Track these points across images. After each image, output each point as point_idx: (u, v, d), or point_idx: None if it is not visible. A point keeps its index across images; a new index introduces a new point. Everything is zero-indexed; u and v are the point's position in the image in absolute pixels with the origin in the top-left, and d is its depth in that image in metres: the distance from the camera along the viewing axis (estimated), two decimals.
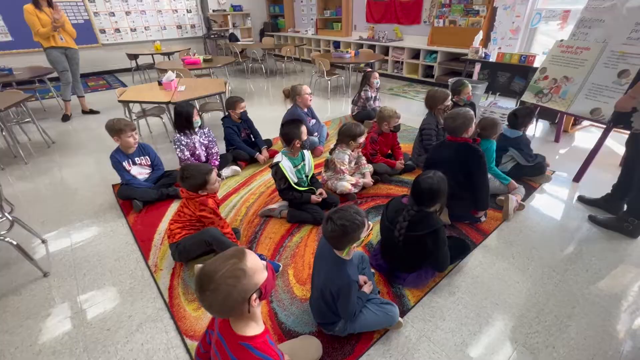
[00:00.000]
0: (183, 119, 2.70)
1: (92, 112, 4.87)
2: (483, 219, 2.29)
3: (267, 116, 4.58)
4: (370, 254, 2.00)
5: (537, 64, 3.66)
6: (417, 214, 1.60)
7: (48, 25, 3.99)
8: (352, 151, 2.56)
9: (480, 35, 4.43)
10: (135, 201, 2.50)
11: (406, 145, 3.41)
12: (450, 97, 2.83)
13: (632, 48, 2.45)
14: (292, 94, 3.33)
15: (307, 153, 2.45)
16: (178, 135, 2.74)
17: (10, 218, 1.91)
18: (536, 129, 3.83)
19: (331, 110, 4.95)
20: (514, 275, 1.87)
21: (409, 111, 4.73)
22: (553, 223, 2.31)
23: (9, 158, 3.49)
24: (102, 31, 7.50)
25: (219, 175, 2.89)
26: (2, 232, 1.83)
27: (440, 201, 1.61)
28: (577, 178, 2.78)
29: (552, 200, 2.57)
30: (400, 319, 1.54)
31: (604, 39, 2.64)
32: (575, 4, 4.18)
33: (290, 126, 2.27)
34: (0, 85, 4.57)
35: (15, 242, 1.83)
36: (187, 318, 1.65)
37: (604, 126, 2.61)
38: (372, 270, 1.83)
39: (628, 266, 1.92)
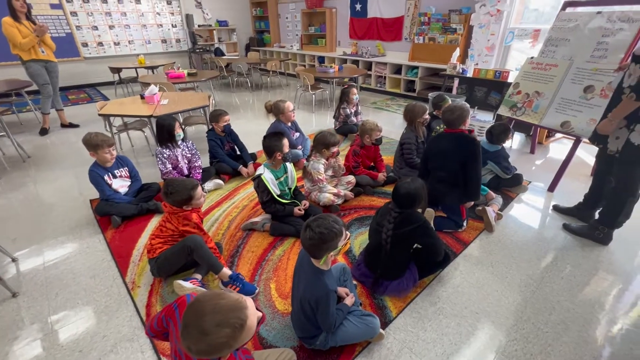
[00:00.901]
0: (165, 132, 2.68)
1: (71, 125, 4.77)
2: (465, 225, 2.35)
3: (252, 129, 4.59)
4: (352, 266, 2.00)
5: (511, 79, 3.83)
6: (399, 215, 1.64)
7: (29, 35, 3.93)
8: (327, 160, 2.60)
9: (457, 52, 4.62)
10: (114, 217, 2.44)
11: (389, 157, 3.47)
12: (428, 111, 2.92)
13: (595, 65, 2.60)
14: (275, 110, 3.36)
15: (290, 165, 2.46)
16: (160, 148, 2.71)
17: None
18: (513, 141, 3.98)
19: (316, 123, 5.01)
20: (493, 284, 1.91)
21: (392, 124, 4.83)
22: (530, 232, 2.38)
23: None
24: (85, 44, 7.43)
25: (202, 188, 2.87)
26: None
27: (420, 205, 1.67)
28: (551, 188, 2.89)
29: (528, 210, 2.66)
30: (381, 330, 1.54)
31: (570, 57, 2.80)
32: (545, 23, 4.43)
33: (272, 139, 2.29)
34: None
35: None
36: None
37: (574, 138, 2.73)
38: (355, 283, 1.84)
39: (600, 272, 1.99)
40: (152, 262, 1.85)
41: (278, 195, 2.33)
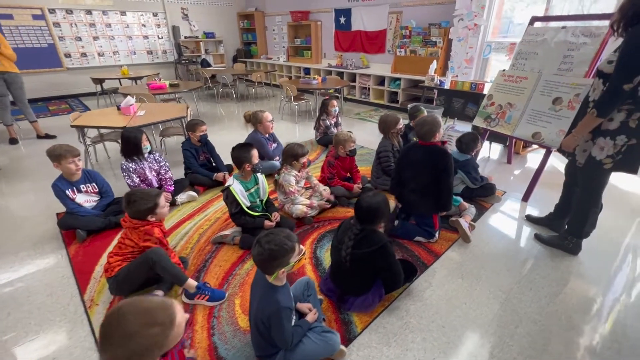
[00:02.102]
0: (131, 145, 2.61)
1: (47, 136, 4.66)
2: (437, 236, 2.33)
3: (235, 139, 4.45)
4: (321, 280, 1.96)
5: (486, 90, 3.90)
6: (360, 232, 1.61)
7: None
8: (299, 171, 2.58)
9: (434, 65, 4.70)
10: (78, 231, 2.36)
11: (367, 167, 3.47)
12: (401, 122, 2.94)
13: (562, 78, 2.67)
14: (253, 120, 3.35)
15: (261, 177, 2.43)
16: (126, 161, 2.64)
17: None
18: (490, 151, 4.03)
19: (299, 134, 5.01)
20: (461, 296, 1.88)
21: (375, 135, 4.83)
22: (502, 242, 2.37)
23: None
24: (67, 55, 7.36)
25: (174, 202, 2.81)
26: None
27: (382, 220, 1.63)
28: (525, 198, 2.91)
29: (501, 220, 2.66)
30: (343, 347, 1.50)
31: (539, 69, 2.87)
32: (519, 37, 4.55)
33: (240, 150, 2.26)
34: None
35: None
36: None
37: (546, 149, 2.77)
38: (320, 297, 1.79)
39: (569, 283, 1.99)
40: (110, 280, 1.77)
41: (249, 207, 2.29)
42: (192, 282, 1.79)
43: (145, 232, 1.73)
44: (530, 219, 2.60)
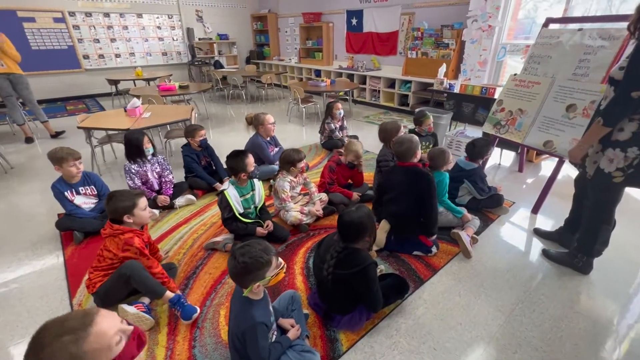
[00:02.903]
0: (133, 147, 2.64)
1: (57, 134, 4.78)
2: (434, 250, 2.22)
3: (244, 142, 4.53)
4: (310, 292, 1.89)
5: (497, 95, 3.73)
6: (343, 250, 1.53)
7: None
8: (296, 177, 2.52)
9: (444, 68, 4.55)
10: (75, 233, 2.38)
11: (370, 173, 3.37)
12: (402, 129, 2.84)
13: (577, 84, 2.50)
14: (254, 122, 3.32)
15: (258, 183, 2.39)
16: (128, 163, 2.66)
17: None
18: (501, 159, 3.85)
19: (306, 137, 4.96)
20: (457, 316, 1.77)
21: None
22: (506, 257, 2.24)
23: None
24: (86, 57, 7.59)
25: (172, 205, 2.81)
26: None
27: (365, 237, 1.54)
28: (535, 209, 2.75)
29: (507, 233, 2.52)
30: None
31: (552, 74, 2.70)
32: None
33: (235, 159, 2.22)
34: None
35: None
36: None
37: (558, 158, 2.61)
38: (306, 312, 1.73)
39: (576, 305, 1.85)
40: (94, 297, 1.75)
41: (241, 214, 2.25)
42: (167, 296, 1.73)
43: (125, 241, 1.67)
44: (538, 233, 2.45)
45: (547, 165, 3.75)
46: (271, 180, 2.59)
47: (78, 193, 2.48)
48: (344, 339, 1.63)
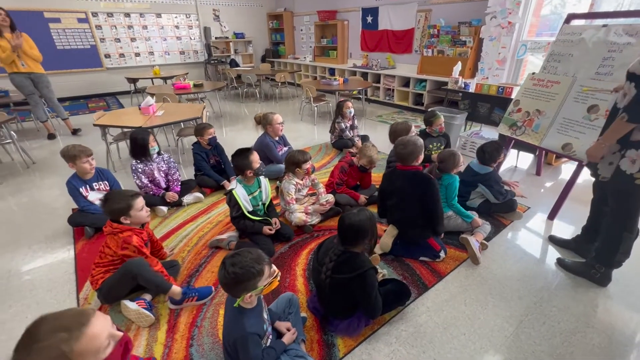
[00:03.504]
0: (139, 146, 2.68)
1: (75, 131, 4.93)
2: (442, 255, 2.15)
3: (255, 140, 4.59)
4: (310, 295, 1.87)
5: (514, 95, 3.58)
6: (342, 254, 1.49)
7: (8, 51, 4.05)
8: (302, 179, 2.50)
9: (459, 66, 4.41)
10: (86, 228, 2.45)
11: (379, 174, 3.31)
12: (412, 129, 2.76)
13: (600, 83, 2.36)
14: (263, 121, 3.32)
15: (264, 180, 2.39)
16: (134, 162, 2.71)
17: None
18: (518, 161, 3.70)
19: (317, 136, 4.93)
20: (461, 326, 1.71)
21: None
22: (517, 266, 2.14)
23: None
24: (107, 56, 7.83)
25: (180, 202, 2.85)
26: None
27: (366, 241, 1.50)
28: (551, 215, 2.62)
29: (520, 240, 2.41)
30: None
31: (573, 73, 2.56)
32: None
33: (240, 157, 2.22)
34: None
35: None
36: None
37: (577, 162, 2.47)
38: (305, 315, 1.70)
39: (591, 319, 1.74)
40: (97, 293, 1.78)
41: (250, 212, 2.25)
42: (176, 289, 1.77)
43: (123, 240, 1.70)
44: (554, 240, 2.33)
45: (568, 169, 3.57)
46: (277, 182, 2.57)
47: (92, 189, 2.54)
48: (342, 344, 1.60)
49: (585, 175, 2.80)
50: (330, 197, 2.67)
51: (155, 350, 1.58)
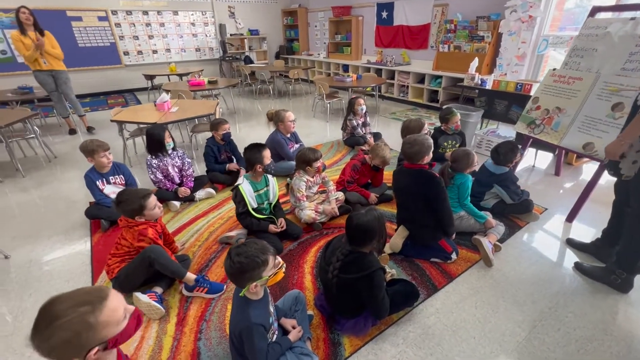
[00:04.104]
0: (155, 142, 2.73)
1: (89, 129, 5.01)
2: (454, 257, 2.10)
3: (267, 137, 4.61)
4: (317, 293, 1.87)
5: (534, 92, 3.46)
6: (350, 253, 1.48)
7: (31, 49, 4.17)
8: (312, 177, 2.49)
9: (476, 62, 4.29)
10: (102, 221, 2.53)
11: (388, 172, 3.26)
12: (426, 126, 2.70)
13: (626, 80, 2.24)
14: (275, 118, 3.32)
15: (272, 179, 2.39)
16: (150, 157, 2.77)
17: None
18: (536, 160, 3.58)
19: (329, 133, 4.91)
20: (471, 329, 1.67)
21: None
22: (532, 269, 2.07)
23: (11, 171, 3.67)
24: (126, 53, 8.02)
25: (192, 198, 2.90)
26: None
27: (373, 241, 1.48)
28: (570, 217, 2.53)
29: (536, 242, 2.33)
30: None
31: (597, 69, 2.44)
32: None
33: (252, 150, 2.23)
34: (19, 102, 4.93)
35: None
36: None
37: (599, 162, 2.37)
38: (311, 313, 1.70)
39: (610, 327, 1.67)
40: (112, 282, 1.84)
41: (255, 209, 2.26)
42: (191, 276, 1.84)
43: (139, 232, 1.76)
44: (572, 243, 2.25)
45: (589, 169, 3.43)
46: (288, 178, 2.57)
47: (108, 182, 2.62)
48: (348, 343, 1.59)
49: (608, 176, 2.68)
50: (340, 195, 2.66)
51: (165, 342, 1.62)
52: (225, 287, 1.91)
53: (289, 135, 3.39)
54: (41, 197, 3.14)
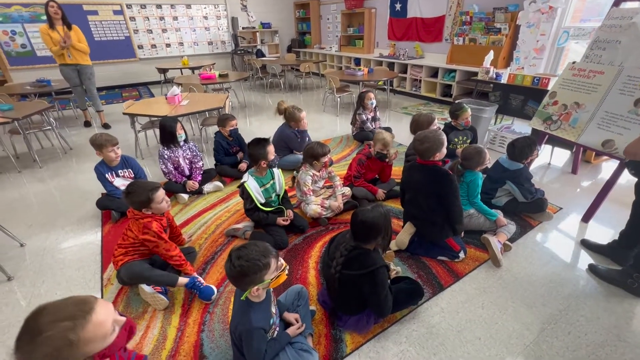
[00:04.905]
0: (167, 133, 2.76)
1: (105, 126, 5.06)
2: (462, 256, 2.06)
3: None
4: (321, 288, 1.86)
5: (551, 87, 3.32)
6: (353, 249, 1.46)
7: (58, 45, 4.24)
8: (319, 171, 2.46)
9: (491, 55, 4.14)
10: (113, 212, 2.58)
11: (399, 167, 3.21)
12: (435, 121, 2.63)
13: None
14: (288, 116, 3.28)
15: (277, 171, 2.38)
16: (162, 149, 2.81)
17: None
18: (552, 158, 3.45)
19: (339, 127, 4.86)
20: (477, 330, 1.63)
21: None
22: (543, 270, 2.00)
23: (29, 162, 3.79)
24: (140, 47, 8.12)
25: (200, 191, 2.92)
26: None
27: (378, 238, 1.45)
28: (586, 218, 2.43)
29: (549, 243, 2.25)
30: None
31: (620, 62, 2.32)
32: None
33: (257, 147, 2.22)
34: (37, 94, 5.06)
35: None
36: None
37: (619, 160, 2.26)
38: (314, 308, 1.69)
39: (624, 332, 1.60)
40: (117, 274, 1.87)
41: (264, 203, 2.26)
42: (182, 282, 1.82)
43: (144, 225, 1.77)
44: (586, 245, 2.16)
45: (608, 168, 3.29)
46: (294, 172, 2.56)
47: (117, 175, 2.66)
48: (349, 340, 1.58)
49: (628, 175, 2.57)
50: (347, 190, 2.63)
51: (169, 332, 1.64)
52: (216, 291, 1.83)
53: (297, 129, 3.36)
54: (57, 187, 3.23)
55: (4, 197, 3.05)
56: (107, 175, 2.61)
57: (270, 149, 2.24)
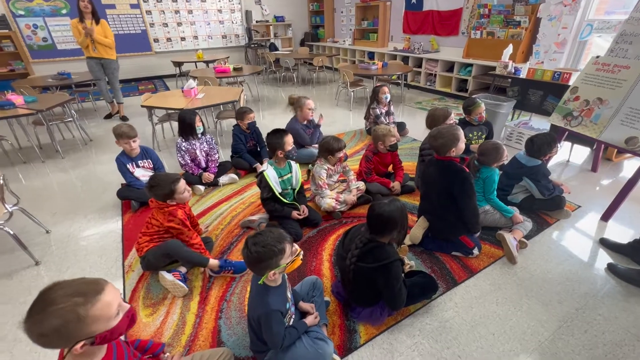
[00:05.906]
0: (186, 125, 2.82)
1: (123, 118, 5.15)
2: (476, 252, 2.05)
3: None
4: (335, 280, 1.89)
5: (573, 82, 3.23)
6: (369, 242, 1.47)
7: (82, 35, 4.37)
8: (334, 165, 2.48)
9: (510, 49, 4.04)
10: (133, 202, 2.66)
11: (412, 162, 3.21)
12: (452, 116, 2.60)
13: None
14: (296, 104, 3.31)
15: (295, 165, 2.41)
16: (180, 140, 2.87)
17: (10, 210, 2.12)
18: (571, 155, 3.37)
19: (352, 122, 4.85)
20: (490, 325, 1.63)
21: None
22: (559, 268, 1.98)
23: (52, 152, 3.92)
24: (156, 40, 8.23)
25: (216, 183, 2.98)
26: (0, 222, 2.03)
27: (394, 232, 1.46)
28: (605, 216, 2.38)
29: (566, 241, 2.22)
30: (337, 357, 1.42)
31: None
32: None
33: (275, 136, 2.25)
34: (59, 87, 5.20)
35: (12, 232, 2.03)
36: (137, 322, 1.69)
37: None
38: (328, 299, 1.73)
39: None
40: (140, 259, 1.95)
41: (280, 194, 2.29)
42: (213, 262, 1.91)
43: (169, 213, 1.85)
44: (605, 244, 2.12)
45: (631, 166, 3.19)
46: (309, 165, 2.58)
47: (138, 166, 2.73)
48: (363, 331, 1.60)
49: None
50: (361, 184, 2.64)
51: (187, 318, 1.70)
52: (246, 268, 1.96)
53: (305, 122, 3.37)
54: (78, 177, 3.34)
55: (30, 185, 3.18)
56: (128, 165, 2.69)
57: (288, 139, 2.25)
